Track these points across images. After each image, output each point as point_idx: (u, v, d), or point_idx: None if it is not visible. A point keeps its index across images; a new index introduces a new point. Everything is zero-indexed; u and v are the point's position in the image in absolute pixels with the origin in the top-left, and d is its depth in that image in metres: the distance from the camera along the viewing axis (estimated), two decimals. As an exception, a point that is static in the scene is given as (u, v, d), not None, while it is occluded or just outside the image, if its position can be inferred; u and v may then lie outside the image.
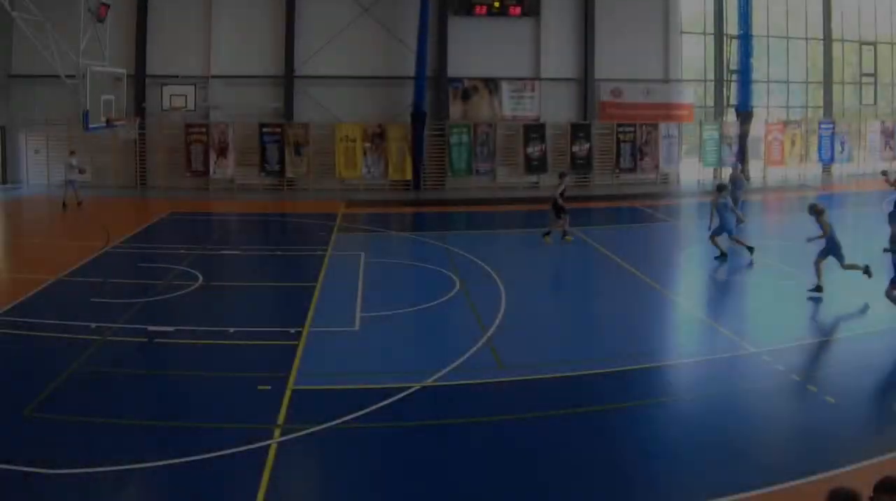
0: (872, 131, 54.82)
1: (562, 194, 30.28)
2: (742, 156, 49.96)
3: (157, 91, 45.37)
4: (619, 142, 48.89)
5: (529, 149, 47.54)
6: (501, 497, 12.10)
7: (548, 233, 30.78)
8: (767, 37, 53.21)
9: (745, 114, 50.19)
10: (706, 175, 51.10)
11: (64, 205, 39.45)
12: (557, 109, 49.02)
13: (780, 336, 19.74)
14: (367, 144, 46.00)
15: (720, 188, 28.53)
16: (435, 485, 12.38)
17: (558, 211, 30.39)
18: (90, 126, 31.86)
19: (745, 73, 49.98)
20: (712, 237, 27.45)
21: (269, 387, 15.94)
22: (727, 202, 27.61)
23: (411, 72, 45.80)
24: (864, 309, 21.85)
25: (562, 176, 31.16)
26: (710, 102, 53.25)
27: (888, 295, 19.98)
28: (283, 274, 27.31)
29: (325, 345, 19.03)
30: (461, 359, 17.72)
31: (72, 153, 41.45)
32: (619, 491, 12.29)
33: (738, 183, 32.91)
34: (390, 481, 12.48)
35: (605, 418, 14.86)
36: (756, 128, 51.29)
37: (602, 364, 17.56)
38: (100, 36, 33.33)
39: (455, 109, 47.93)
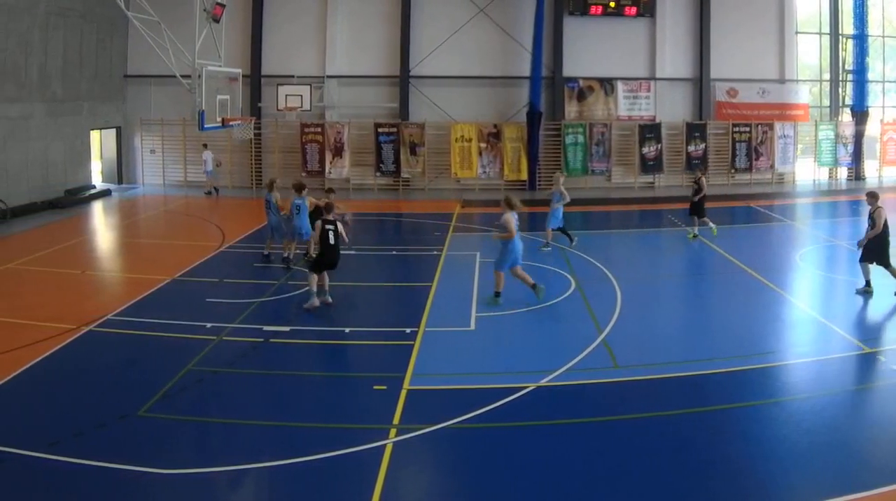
0: None
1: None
2: (857, 156, 47.22)
3: (273, 91, 43.41)
4: (734, 142, 45.76)
5: (645, 149, 44.79)
6: (617, 497, 11.62)
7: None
8: (883, 36, 49.22)
9: (860, 114, 47.01)
10: (822, 175, 48.02)
11: (216, 190, 43.27)
12: (673, 109, 46.08)
13: (896, 336, 18.98)
14: (483, 144, 43.69)
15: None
16: (549, 486, 11.84)
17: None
18: (205, 126, 29.89)
19: (860, 72, 46.77)
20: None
21: (385, 387, 15.57)
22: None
23: (527, 72, 43.49)
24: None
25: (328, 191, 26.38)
26: (826, 102, 49.50)
27: None
28: (399, 274, 26.27)
29: (441, 345, 18.44)
30: (576, 359, 17.18)
31: (205, 146, 43.07)
32: (734, 491, 11.65)
33: (555, 195, 29.27)
34: (504, 481, 12.04)
35: (720, 418, 14.25)
36: (872, 128, 47.89)
37: (717, 363, 16.97)
38: (215, 36, 31.44)
39: (570, 109, 45.25)
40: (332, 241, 20.71)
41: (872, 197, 22.30)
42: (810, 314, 20.84)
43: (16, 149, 35.88)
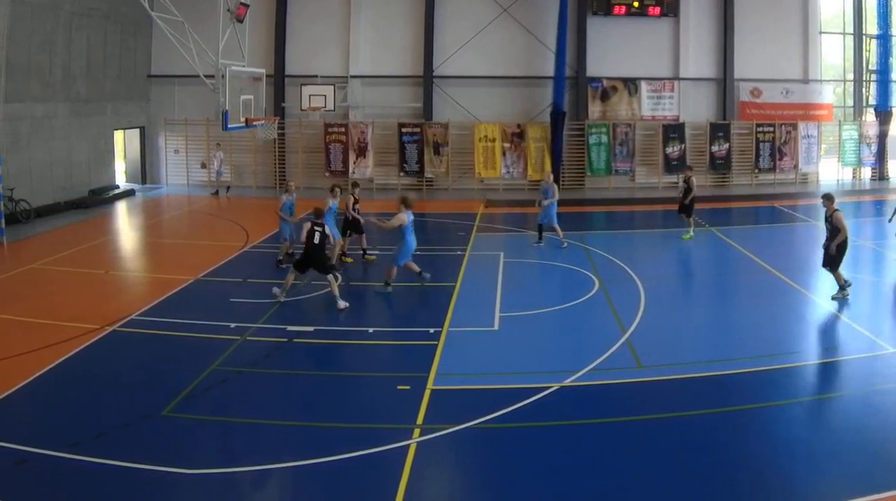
0: None
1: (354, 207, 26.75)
2: (881, 156, 46.65)
3: (297, 91, 43.25)
4: (757, 142, 45.32)
5: (668, 149, 44.44)
6: (641, 498, 11.60)
7: (345, 255, 27.26)
8: (908, 36, 48.98)
9: (884, 113, 46.52)
10: (845, 175, 47.46)
11: (217, 191, 43.41)
12: (696, 109, 45.66)
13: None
14: (507, 144, 43.50)
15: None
16: (573, 486, 11.83)
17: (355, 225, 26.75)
18: (229, 126, 29.80)
19: (884, 72, 46.28)
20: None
21: (409, 387, 15.56)
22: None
23: (550, 72, 43.16)
24: None
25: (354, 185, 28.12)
26: (850, 102, 48.97)
27: None
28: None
29: (465, 345, 18.39)
30: (600, 359, 17.14)
31: (218, 145, 43.33)
32: (759, 491, 11.61)
33: (547, 191, 29.12)
34: (528, 481, 11.98)
35: (745, 418, 14.17)
36: (895, 128, 47.30)
37: (740, 364, 16.86)
38: (239, 36, 31.32)
39: (594, 109, 44.94)
40: (315, 241, 21.26)
41: (828, 199, 21.86)
42: (834, 314, 20.63)
43: (40, 149, 35.94)
